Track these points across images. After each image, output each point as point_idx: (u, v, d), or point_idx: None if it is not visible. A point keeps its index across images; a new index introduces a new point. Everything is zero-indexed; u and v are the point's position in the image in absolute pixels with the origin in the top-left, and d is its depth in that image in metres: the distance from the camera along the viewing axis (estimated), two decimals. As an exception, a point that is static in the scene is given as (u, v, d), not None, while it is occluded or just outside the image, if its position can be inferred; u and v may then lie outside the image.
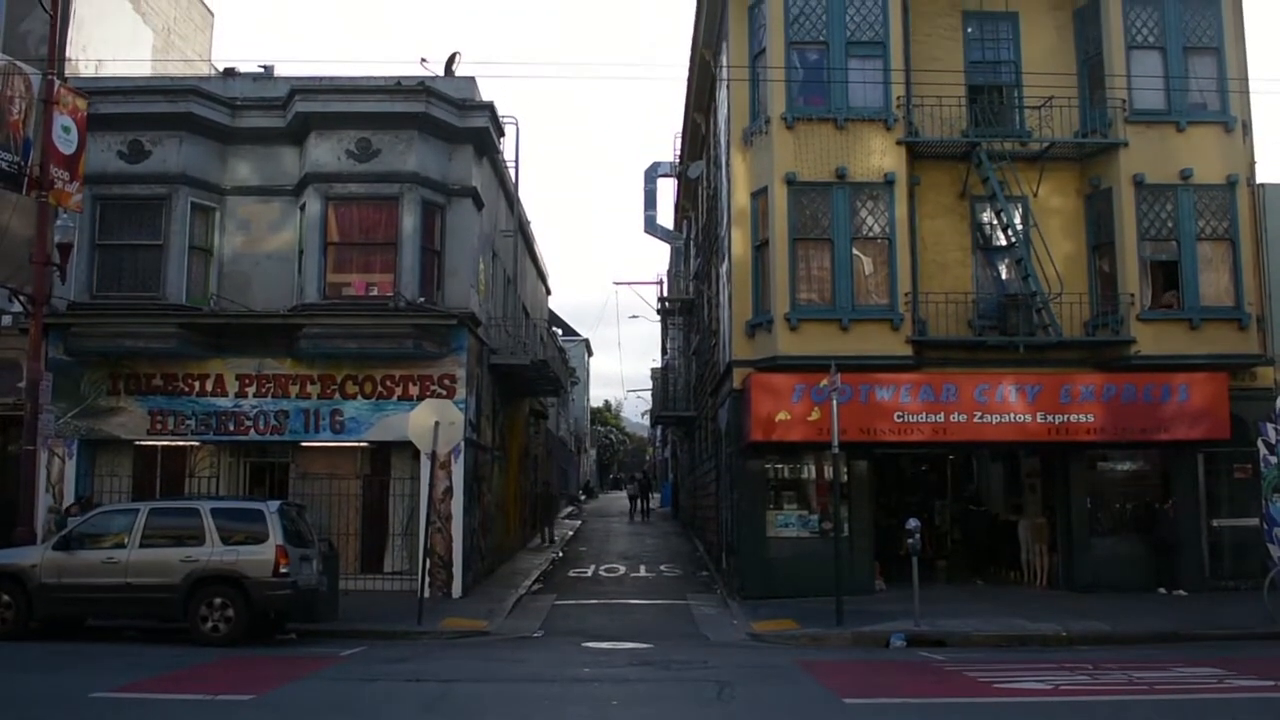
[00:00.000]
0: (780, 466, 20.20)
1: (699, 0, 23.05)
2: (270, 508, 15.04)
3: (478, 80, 21.17)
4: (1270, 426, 17.81)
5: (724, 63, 21.91)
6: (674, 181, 37.79)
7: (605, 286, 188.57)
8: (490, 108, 20.82)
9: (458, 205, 20.58)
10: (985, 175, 19.68)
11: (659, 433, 64.99)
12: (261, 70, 22.11)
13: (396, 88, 20.00)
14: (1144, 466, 20.74)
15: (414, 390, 19.71)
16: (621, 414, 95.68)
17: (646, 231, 40.96)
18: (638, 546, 32.16)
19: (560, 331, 50.97)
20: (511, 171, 25.20)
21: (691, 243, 35.18)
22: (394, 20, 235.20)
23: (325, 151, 19.90)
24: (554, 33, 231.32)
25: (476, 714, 10.03)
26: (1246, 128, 20.32)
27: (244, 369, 19.89)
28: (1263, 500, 17.80)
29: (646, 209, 40.23)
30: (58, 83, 17.10)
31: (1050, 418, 19.19)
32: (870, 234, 19.60)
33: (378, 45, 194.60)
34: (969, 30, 20.89)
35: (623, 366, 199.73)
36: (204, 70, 26.28)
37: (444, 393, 19.56)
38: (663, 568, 26.14)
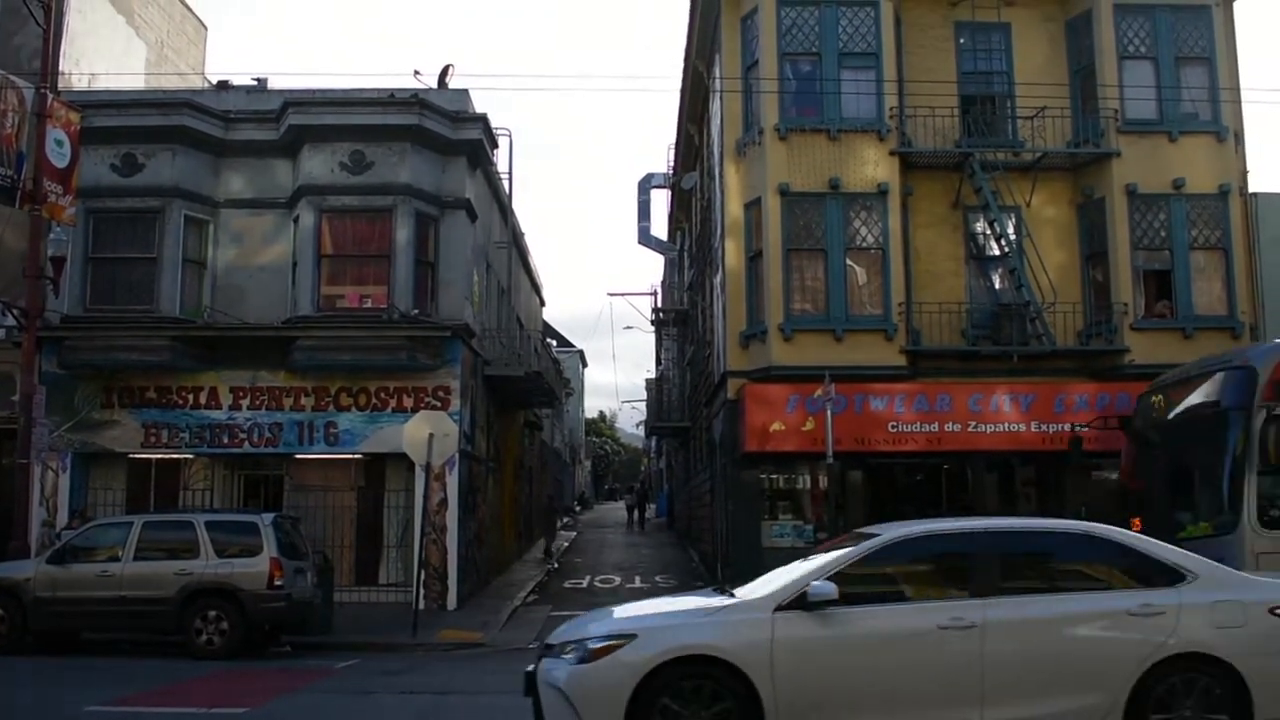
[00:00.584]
0: (775, 477, 20.21)
1: (692, 12, 23.15)
2: (264, 520, 15.02)
3: (471, 92, 21.27)
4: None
5: (717, 74, 21.98)
6: (668, 193, 37.86)
7: (600, 297, 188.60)
8: (483, 120, 20.86)
9: (451, 217, 20.60)
10: (978, 185, 19.74)
11: (654, 443, 64.96)
12: (255, 83, 22.15)
13: (390, 100, 20.01)
14: (1138, 475, 20.74)
15: (408, 402, 19.69)
16: (616, 425, 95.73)
17: (640, 243, 41.07)
18: (633, 557, 32.09)
19: (554, 343, 51.00)
20: (505, 183, 25.26)
21: (685, 254, 35.24)
22: (388, 26, 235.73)
23: (318, 164, 19.90)
24: (548, 37, 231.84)
25: (472, 727, 10.01)
26: (1238, 137, 20.43)
27: (238, 381, 19.86)
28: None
29: (640, 220, 40.33)
30: (51, 96, 17.14)
31: (1044, 427, 19.23)
32: (864, 244, 19.65)
33: (371, 51, 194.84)
34: (961, 41, 20.98)
35: (617, 377, 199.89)
36: (197, 83, 26.29)
37: (438, 404, 19.55)
38: (658, 578, 26.06)
